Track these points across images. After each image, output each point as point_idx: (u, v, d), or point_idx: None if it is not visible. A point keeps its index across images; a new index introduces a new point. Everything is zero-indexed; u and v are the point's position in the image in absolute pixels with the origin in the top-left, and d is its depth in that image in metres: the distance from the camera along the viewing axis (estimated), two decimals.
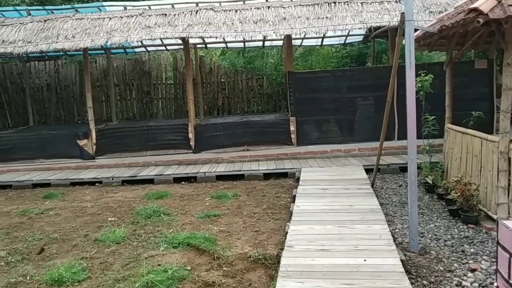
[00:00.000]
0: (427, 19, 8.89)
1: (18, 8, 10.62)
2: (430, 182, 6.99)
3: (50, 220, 6.62)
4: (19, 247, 5.50)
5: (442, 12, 8.60)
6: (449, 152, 7.02)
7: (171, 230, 5.85)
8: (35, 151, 10.26)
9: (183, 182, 8.66)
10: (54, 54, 12.28)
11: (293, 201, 6.49)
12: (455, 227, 5.45)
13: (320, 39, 13.10)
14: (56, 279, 4.40)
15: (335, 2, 9.81)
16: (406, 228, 5.45)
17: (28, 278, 4.59)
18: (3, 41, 9.44)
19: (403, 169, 8.33)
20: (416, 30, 5.75)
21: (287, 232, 5.21)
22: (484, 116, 7.59)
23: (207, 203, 7.14)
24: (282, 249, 4.74)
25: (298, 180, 7.84)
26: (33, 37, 9.47)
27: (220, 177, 8.69)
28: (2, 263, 5.00)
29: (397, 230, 5.42)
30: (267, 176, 8.62)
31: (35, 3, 14.53)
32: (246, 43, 13.06)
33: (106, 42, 9.38)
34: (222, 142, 10.23)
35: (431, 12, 9.21)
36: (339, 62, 14.69)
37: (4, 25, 9.85)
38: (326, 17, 9.43)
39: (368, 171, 8.19)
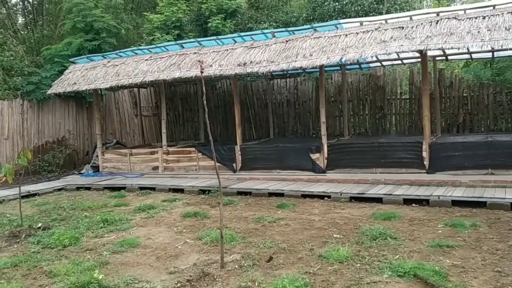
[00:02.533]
0: None
1: (265, 31, 11.70)
2: None
3: (281, 229, 6.98)
4: (252, 252, 5.92)
5: None
6: None
7: (397, 256, 5.47)
8: (273, 162, 11.10)
9: (413, 204, 8.10)
10: (294, 72, 13.14)
11: None
12: None
13: None
14: None
15: None
16: None
17: (256, 284, 4.88)
18: (251, 62, 10.53)
19: None
20: None
21: None
22: None
23: (440, 231, 6.47)
24: None
25: None
26: (276, 57, 10.28)
27: (456, 203, 7.81)
28: (237, 266, 5.45)
29: None
30: None
31: (280, 26, 15.89)
32: (495, 53, 11.58)
33: (341, 58, 9.52)
34: (460, 163, 9.24)
35: None
36: None
37: (253, 47, 10.98)
38: None
39: None
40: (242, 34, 12.11)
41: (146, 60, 12.56)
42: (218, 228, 5.76)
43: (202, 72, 5.57)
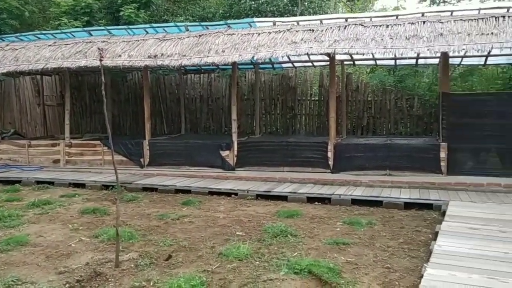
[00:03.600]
0: None
1: (178, 24, 11.45)
2: None
3: (183, 227, 6.83)
4: (151, 250, 5.72)
5: None
6: None
7: (296, 253, 5.56)
8: (182, 158, 10.90)
9: (316, 203, 8.33)
10: (208, 67, 13.00)
11: (435, 239, 5.71)
12: None
13: (484, 58, 11.71)
14: None
15: (504, 16, 8.64)
16: None
17: (151, 284, 4.70)
18: (162, 54, 10.25)
19: None
20: None
21: (422, 275, 4.54)
22: None
23: (338, 229, 6.70)
24: None
25: (443, 214, 6.96)
26: (188, 51, 10.09)
27: (355, 201, 8.16)
28: (132, 265, 5.22)
29: None
30: (408, 205, 7.84)
31: (196, 20, 15.66)
32: (398, 61, 12.29)
33: (253, 56, 9.56)
34: (362, 164, 9.68)
35: None
36: (505, 84, 12.98)
37: (165, 40, 10.70)
38: (492, 33, 8.33)
39: None
40: (154, 25, 11.74)
41: (50, 45, 11.78)
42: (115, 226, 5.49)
43: (101, 60, 5.26)
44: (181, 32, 11.13)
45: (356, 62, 12.98)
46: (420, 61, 12.36)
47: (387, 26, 9.26)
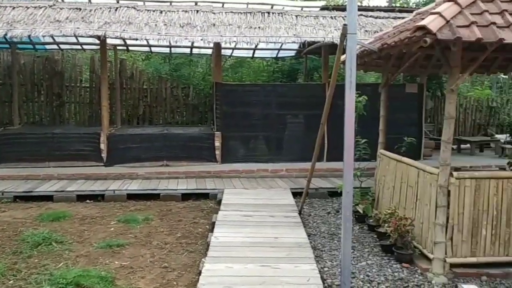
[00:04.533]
0: (362, 38, 8.52)
1: None
2: (361, 211, 6.49)
3: None
4: None
5: (377, 32, 8.28)
6: (381, 179, 6.57)
7: (61, 264, 4.82)
8: None
9: (88, 201, 7.54)
10: None
11: (212, 230, 5.69)
12: (388, 266, 4.92)
13: (252, 51, 12.49)
14: None
15: (268, 13, 9.26)
16: (336, 266, 4.83)
17: None
18: None
19: (332, 193, 7.84)
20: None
21: (201, 272, 4.39)
22: (415, 142, 7.32)
23: (112, 229, 6.13)
24: None
25: (219, 202, 7.06)
26: None
27: (132, 196, 7.68)
28: None
29: (326, 269, 4.78)
30: (185, 196, 7.74)
31: None
32: (173, 49, 12.16)
33: (6, 34, 8.09)
34: (138, 155, 9.22)
35: (366, 31, 8.90)
36: (270, 76, 14.18)
37: None
38: (259, 27, 8.82)
39: (295, 194, 7.61)
40: None
41: None
42: None
43: None
44: None
45: (130, 48, 12.37)
46: (195, 51, 12.48)
47: (161, 12, 8.96)
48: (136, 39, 8.73)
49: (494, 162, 9.73)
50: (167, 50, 12.26)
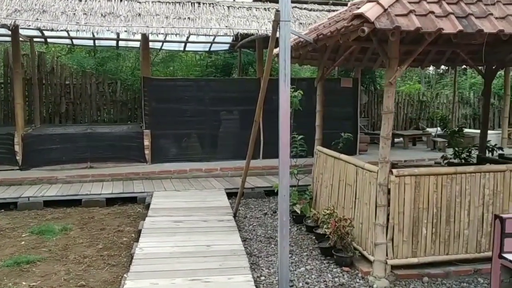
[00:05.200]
0: (297, 31, 8.24)
1: None
2: (298, 211, 6.18)
3: None
4: None
5: (312, 24, 8.02)
6: (318, 177, 6.30)
7: None
8: None
9: None
10: None
11: (138, 239, 5.14)
12: (328, 271, 4.62)
13: (183, 44, 11.90)
14: None
15: (199, 3, 8.75)
16: (273, 273, 4.47)
17: None
18: None
19: (269, 193, 7.53)
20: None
21: None
22: (352, 138, 7.14)
23: (23, 242, 5.42)
24: None
25: (148, 207, 6.50)
26: None
27: (49, 203, 6.93)
28: None
29: (262, 278, 4.40)
30: (111, 201, 7.10)
31: None
32: (97, 41, 11.33)
33: None
34: (58, 157, 8.43)
35: (301, 23, 8.64)
36: (203, 71, 13.67)
37: None
38: (189, 18, 8.29)
39: (231, 195, 7.23)
40: None
41: None
42: None
43: None
44: None
45: (49, 40, 11.36)
46: (122, 43, 11.73)
47: (80, 0, 8.18)
48: (52, 30, 7.89)
49: (427, 156, 9.86)
50: (90, 42, 11.40)
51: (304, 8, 9.35)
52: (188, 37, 10.55)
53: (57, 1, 7.97)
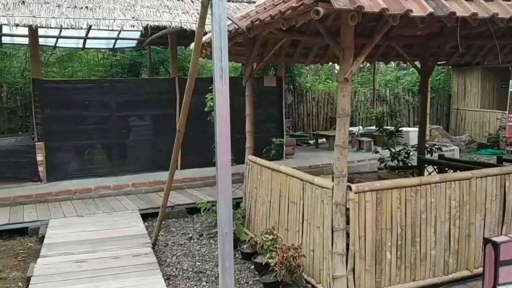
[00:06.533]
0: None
1: None
2: None
3: None
4: None
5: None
6: (252, 192, 5.39)
7: None
8: None
9: None
10: None
11: None
12: None
13: (82, 40, 10.39)
14: None
15: None
16: None
17: None
18: None
19: (192, 210, 6.49)
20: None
21: None
22: (283, 143, 6.33)
23: None
24: None
25: (43, 240, 5.17)
26: None
27: None
28: None
29: None
30: None
31: None
32: None
33: None
34: None
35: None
36: (107, 71, 12.19)
37: None
38: (86, 7, 6.98)
39: (146, 216, 6.12)
40: None
41: None
42: None
43: None
44: None
45: None
46: (6, 39, 9.97)
47: None
48: None
49: (356, 157, 9.33)
50: None
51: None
52: (88, 32, 9.13)
53: None
